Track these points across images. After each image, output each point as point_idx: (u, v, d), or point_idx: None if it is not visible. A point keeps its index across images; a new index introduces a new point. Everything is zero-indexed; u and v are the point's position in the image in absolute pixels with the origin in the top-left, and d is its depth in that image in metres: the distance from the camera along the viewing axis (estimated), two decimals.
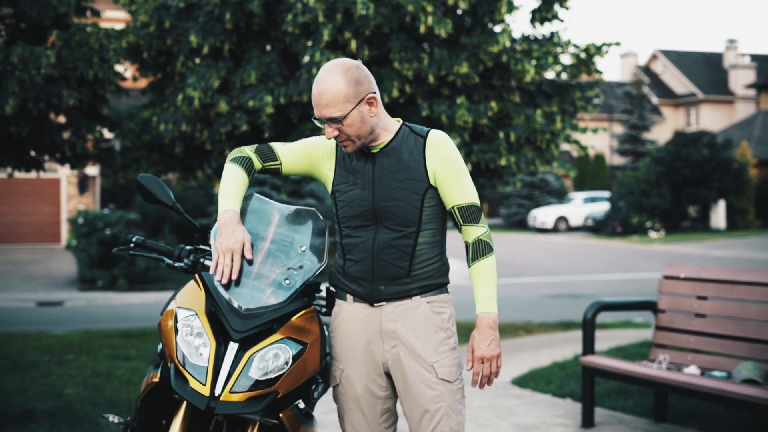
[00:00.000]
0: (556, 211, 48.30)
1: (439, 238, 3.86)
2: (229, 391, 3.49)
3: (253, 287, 3.70)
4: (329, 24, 10.96)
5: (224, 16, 11.49)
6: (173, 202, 3.98)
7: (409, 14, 10.97)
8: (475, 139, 12.14)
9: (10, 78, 10.86)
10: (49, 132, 12.12)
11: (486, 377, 3.78)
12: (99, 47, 11.69)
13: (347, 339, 3.87)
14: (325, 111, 3.66)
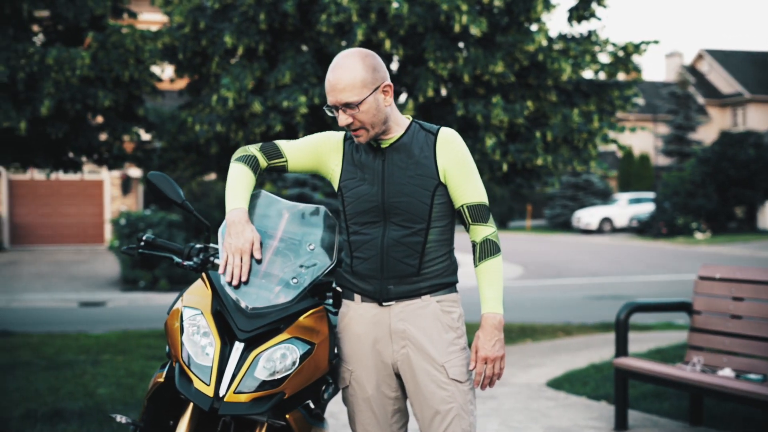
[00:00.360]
0: (601, 212, 47.93)
1: (448, 236, 3.80)
2: (234, 391, 3.43)
3: (261, 286, 3.64)
4: (363, 24, 10.90)
5: (258, 16, 11.47)
6: (183, 200, 3.94)
7: (444, 13, 10.89)
8: (511, 139, 12.03)
9: (46, 79, 10.91)
10: (86, 133, 12.17)
11: (489, 378, 3.72)
12: (134, 48, 11.71)
13: (356, 340, 3.81)
14: (342, 96, 3.61)
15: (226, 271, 3.60)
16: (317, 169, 3.92)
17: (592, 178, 51.97)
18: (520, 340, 12.63)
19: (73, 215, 29.06)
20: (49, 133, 11.67)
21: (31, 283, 22.17)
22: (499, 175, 12.34)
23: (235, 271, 3.60)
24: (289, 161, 3.91)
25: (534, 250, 35.58)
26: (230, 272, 3.60)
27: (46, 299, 19.77)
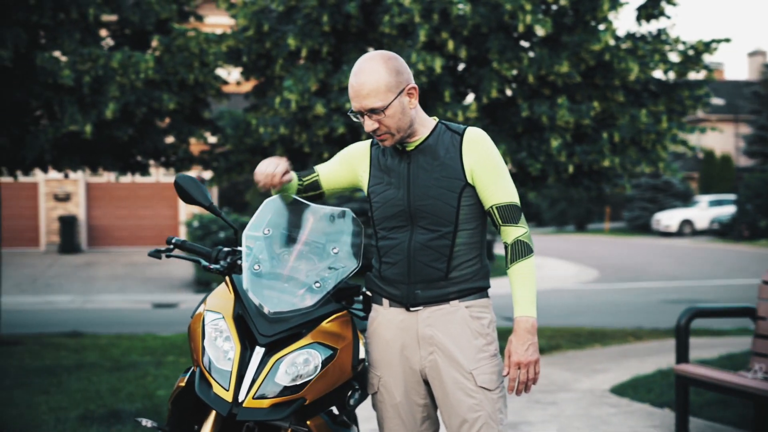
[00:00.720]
0: (681, 214, 47.14)
1: (478, 239, 3.70)
2: (253, 397, 3.38)
3: (283, 290, 3.59)
4: (426, 24, 10.81)
5: (322, 18, 11.45)
6: (210, 202, 3.91)
7: (508, 13, 10.75)
8: (577, 140, 11.84)
9: (111, 83, 11.00)
10: (152, 136, 12.26)
11: (523, 383, 3.61)
12: (199, 52, 11.76)
13: (384, 345, 3.73)
14: (366, 102, 3.55)
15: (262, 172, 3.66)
16: (351, 180, 3.89)
17: (672, 179, 51.11)
18: (589, 345, 12.42)
19: (149, 217, 29.43)
20: (115, 136, 11.77)
21: (106, 285, 22.48)
22: (565, 176, 12.15)
23: (267, 180, 3.66)
24: (321, 175, 3.90)
25: (611, 252, 35.12)
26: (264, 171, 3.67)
27: (120, 300, 20.02)
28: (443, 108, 11.11)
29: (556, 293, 21.59)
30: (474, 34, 11.28)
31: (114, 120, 11.41)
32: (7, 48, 10.67)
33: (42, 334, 13.84)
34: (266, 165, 3.70)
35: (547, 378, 9.77)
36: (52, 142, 11.34)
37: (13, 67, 11.29)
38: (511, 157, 11.47)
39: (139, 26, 12.21)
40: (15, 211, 29.39)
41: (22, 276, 23.91)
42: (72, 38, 11.28)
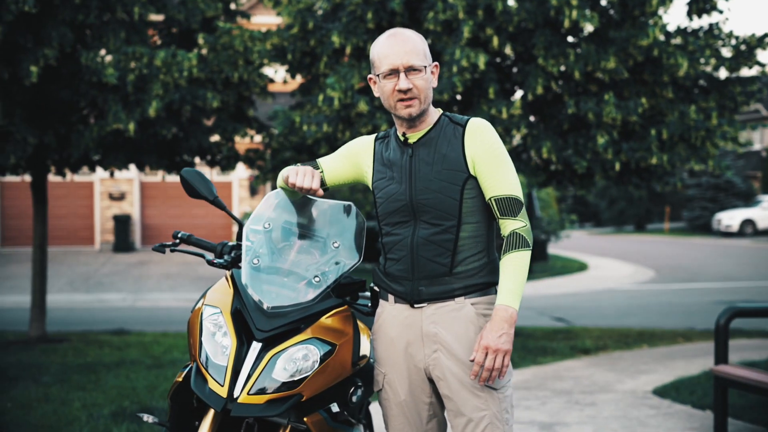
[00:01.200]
0: (743, 214, 46.29)
1: (484, 233, 3.59)
2: (248, 392, 3.31)
3: (282, 284, 3.53)
4: (470, 21, 10.69)
5: (366, 15, 11.38)
6: (215, 196, 3.88)
7: (553, 8, 10.60)
8: (624, 137, 11.63)
9: (154, 81, 11.03)
10: (196, 134, 12.27)
11: (488, 371, 3.42)
12: (243, 49, 11.77)
13: (388, 342, 3.64)
14: (407, 57, 3.53)
15: (294, 179, 3.61)
16: (355, 176, 3.82)
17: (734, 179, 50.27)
18: (636, 346, 12.22)
19: (202, 216, 29.56)
20: (159, 134, 11.82)
21: (158, 283, 22.62)
22: (611, 174, 11.95)
23: (299, 180, 3.61)
24: (326, 171, 3.83)
25: (669, 252, 34.64)
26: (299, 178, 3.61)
27: (170, 299, 20.12)
28: (487, 105, 10.98)
29: (609, 293, 21.33)
30: (519, 29, 11.13)
31: (157, 118, 11.43)
32: (52, 47, 10.75)
33: (88, 331, 13.96)
34: (302, 175, 3.63)
35: (589, 379, 9.61)
36: (97, 140, 11.40)
37: (60, 66, 11.38)
38: (556, 154, 11.29)
39: (185, 25, 12.25)
40: (71, 210, 29.74)
41: (75, 274, 24.16)
42: (117, 37, 11.33)
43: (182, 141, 12.41)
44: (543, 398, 8.61)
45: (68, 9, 10.99)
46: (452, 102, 11.47)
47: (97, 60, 10.88)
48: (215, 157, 13.06)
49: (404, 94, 3.53)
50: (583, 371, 10.17)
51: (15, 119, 11.05)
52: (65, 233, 29.60)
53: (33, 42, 10.80)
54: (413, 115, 3.57)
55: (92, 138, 11.25)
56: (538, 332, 13.73)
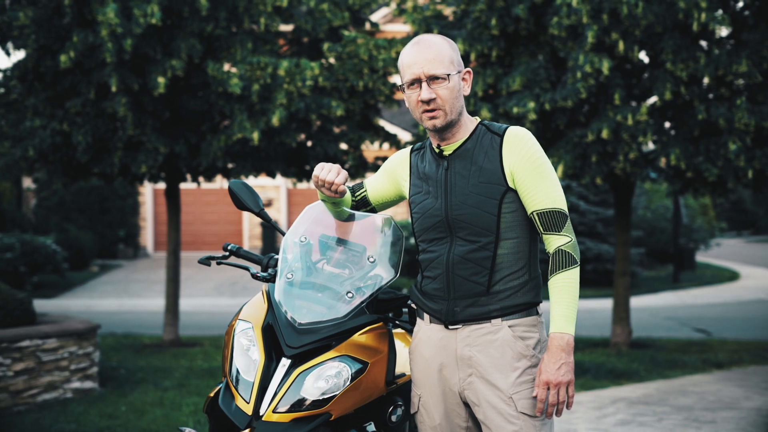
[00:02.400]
0: None
1: (525, 249, 3.41)
2: (273, 410, 3.25)
3: (315, 300, 3.45)
4: (594, 25, 10.44)
5: (491, 22, 11.27)
6: (261, 208, 3.86)
7: (682, 11, 10.26)
8: (758, 144, 11.15)
9: (278, 90, 11.18)
10: (322, 142, 12.38)
11: (552, 406, 3.28)
12: (368, 58, 11.81)
13: (423, 363, 3.51)
14: (429, 66, 3.38)
15: (318, 172, 3.58)
16: (396, 192, 3.75)
17: None
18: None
19: None
20: (284, 142, 11.97)
21: None
22: (744, 182, 11.49)
23: (323, 173, 3.58)
24: (369, 190, 3.79)
25: None
26: (320, 180, 3.58)
27: None
28: (613, 111, 10.70)
29: (759, 305, 20.53)
30: (647, 33, 10.82)
31: (282, 126, 11.58)
32: (180, 58, 11.02)
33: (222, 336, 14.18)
34: (327, 170, 3.59)
35: (715, 395, 9.25)
36: (225, 149, 11.62)
37: (188, 77, 11.66)
38: (686, 161, 10.92)
39: (313, 35, 12.39)
40: (221, 216, 30.47)
41: (222, 279, 24.70)
42: (244, 48, 11.54)
43: (309, 149, 12.54)
44: (660, 414, 8.32)
45: (196, 21, 11.25)
46: (577, 108, 11.24)
47: (222, 70, 11.09)
48: (343, 165, 13.14)
49: (427, 105, 3.40)
50: (710, 386, 9.80)
51: (146, 129, 11.37)
52: (215, 239, 30.34)
53: (161, 53, 11.09)
54: (437, 127, 3.43)
55: (219, 147, 11.48)
56: (671, 344, 13.31)
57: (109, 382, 9.78)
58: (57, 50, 11.20)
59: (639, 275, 24.95)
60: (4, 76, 12.03)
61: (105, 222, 29.16)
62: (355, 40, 11.87)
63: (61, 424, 7.64)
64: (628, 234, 13.11)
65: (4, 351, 8.38)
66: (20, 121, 12.01)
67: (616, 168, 11.21)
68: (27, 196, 31.00)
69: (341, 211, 3.73)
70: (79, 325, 9.28)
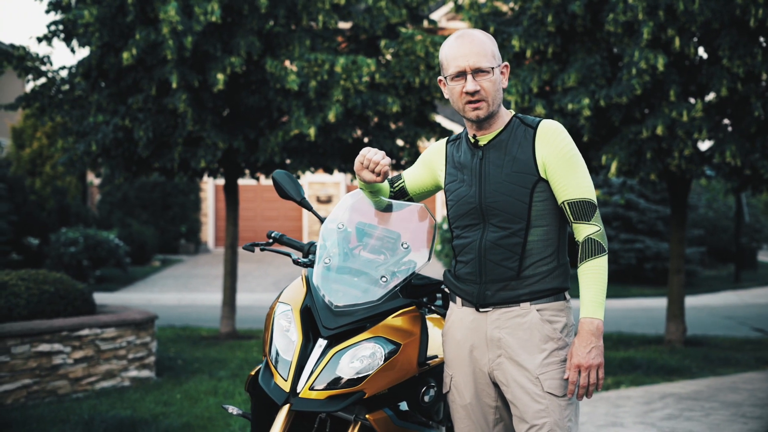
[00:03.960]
0: None
1: (554, 237, 3.54)
2: (309, 388, 3.40)
3: (351, 284, 3.60)
4: (650, 22, 10.45)
5: (546, 18, 11.32)
6: (302, 197, 4.03)
7: (739, 7, 10.23)
8: None
9: (335, 87, 11.34)
10: (378, 138, 12.51)
11: (583, 388, 3.41)
12: (425, 54, 11.91)
13: (455, 345, 3.65)
14: (475, 59, 3.52)
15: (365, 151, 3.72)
16: (433, 181, 3.87)
17: None
18: None
19: None
20: (341, 138, 12.13)
21: None
22: None
23: (368, 156, 3.71)
24: (406, 180, 3.93)
25: None
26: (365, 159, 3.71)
27: None
28: (669, 108, 10.69)
29: None
30: (704, 30, 10.79)
31: (338, 122, 11.74)
32: (239, 55, 11.23)
33: None
34: (374, 152, 3.74)
35: (766, 392, 9.25)
36: (282, 144, 11.81)
37: (248, 74, 11.87)
38: (742, 158, 10.88)
39: (371, 32, 12.53)
40: (281, 213, 30.77)
41: (281, 274, 24.99)
42: (303, 45, 11.72)
43: (365, 145, 12.68)
44: (708, 410, 8.33)
45: (255, 18, 11.45)
46: (633, 104, 11.24)
47: (280, 67, 11.27)
48: (399, 160, 13.26)
49: (472, 96, 3.52)
50: (762, 384, 9.77)
51: (206, 125, 11.59)
52: None
53: (221, 50, 11.30)
54: (481, 117, 3.56)
55: (277, 143, 11.67)
56: (726, 342, 13.25)
57: (166, 371, 10.01)
58: (120, 48, 11.47)
59: (699, 274, 24.76)
60: (68, 74, 12.34)
61: (167, 217, 29.62)
62: (412, 37, 11.97)
63: (117, 410, 7.85)
64: (683, 231, 13.07)
65: (64, 339, 8.62)
66: (84, 117, 12.32)
67: (671, 165, 11.20)
68: (91, 192, 31.58)
69: (379, 200, 3.86)
70: (137, 315, 9.52)
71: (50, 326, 8.48)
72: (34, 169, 26.54)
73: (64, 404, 8.13)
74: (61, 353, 8.58)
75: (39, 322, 8.44)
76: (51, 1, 11.99)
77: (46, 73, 12.40)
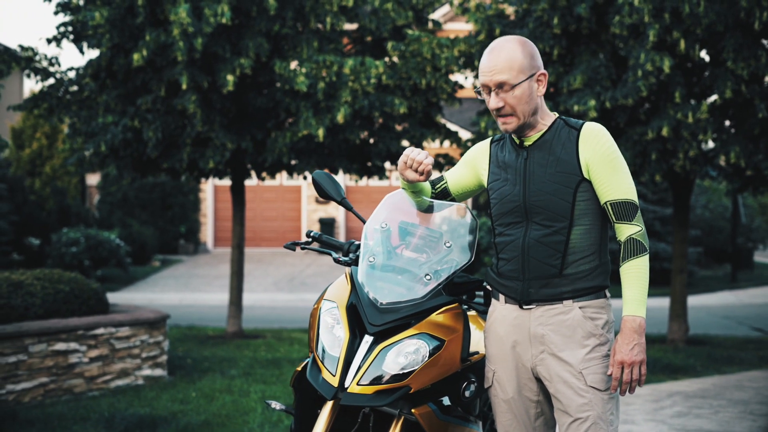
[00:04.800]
0: None
1: (596, 235, 3.64)
2: (357, 383, 3.49)
3: (395, 282, 3.70)
4: (656, 24, 10.57)
5: (552, 20, 11.44)
6: (342, 197, 4.12)
7: (744, 10, 10.37)
8: None
9: (343, 88, 11.44)
10: (385, 139, 12.61)
11: (626, 384, 3.52)
12: (431, 56, 12.01)
13: (498, 341, 3.75)
14: (498, 77, 3.58)
15: (410, 152, 3.79)
16: (476, 181, 3.95)
17: None
18: None
19: None
20: (348, 139, 12.22)
21: None
22: None
23: (412, 156, 3.78)
24: (449, 180, 4.00)
25: None
26: (409, 158, 3.78)
27: None
28: (673, 109, 10.82)
29: None
30: (709, 32, 10.92)
31: (346, 124, 11.84)
32: (248, 57, 11.32)
33: (284, 329, 14.53)
34: (417, 151, 3.82)
35: None
36: (290, 145, 11.90)
37: (256, 75, 11.96)
38: (745, 159, 11.02)
39: (377, 34, 12.64)
40: (280, 213, 30.87)
41: (281, 274, 25.06)
42: (310, 46, 11.82)
43: (371, 146, 12.78)
44: (717, 407, 8.45)
45: (264, 20, 11.55)
46: (638, 106, 11.37)
47: (289, 69, 11.37)
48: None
49: (498, 111, 3.63)
50: (766, 382, 9.89)
51: (214, 126, 11.68)
52: (274, 235, 30.76)
53: (230, 52, 11.40)
54: (509, 131, 3.67)
55: (285, 143, 11.77)
56: (728, 342, 13.39)
57: (177, 370, 10.10)
58: (130, 49, 11.55)
59: (696, 274, 24.92)
60: (77, 74, 12.42)
61: (166, 218, 29.70)
62: (419, 38, 12.07)
63: (136, 408, 7.95)
64: (686, 232, 13.21)
65: (80, 338, 8.71)
66: (92, 118, 12.40)
67: (675, 165, 11.33)
68: (90, 192, 31.64)
69: (421, 200, 3.96)
70: (150, 314, 9.61)
71: (66, 325, 8.57)
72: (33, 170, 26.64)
73: (82, 402, 8.22)
74: (77, 352, 8.67)
75: (55, 321, 8.53)
76: (60, 2, 12.07)
77: (54, 74, 12.49)
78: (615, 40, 11.42)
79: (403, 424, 3.64)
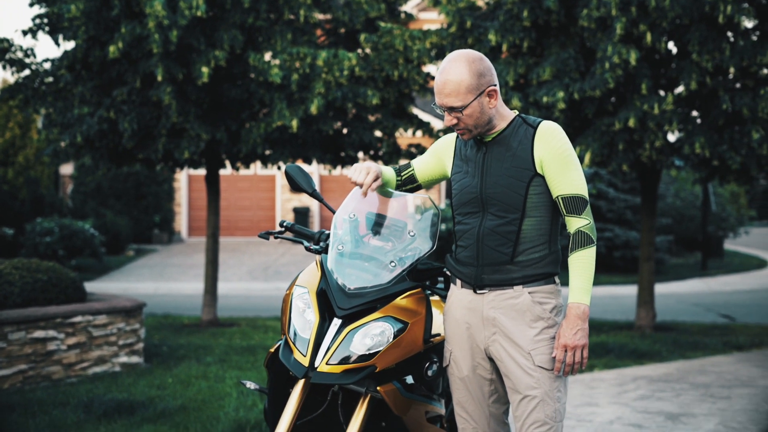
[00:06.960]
0: None
1: (546, 227, 3.88)
2: (326, 363, 3.73)
3: (362, 268, 3.94)
4: (623, 17, 10.79)
5: (522, 13, 11.64)
6: (313, 189, 4.31)
7: (708, 3, 10.60)
8: None
9: (317, 80, 11.62)
10: (357, 130, 12.82)
11: (569, 366, 3.79)
12: (404, 48, 12.20)
13: (454, 323, 4.00)
14: (447, 100, 3.81)
15: (356, 175, 4.01)
16: (441, 171, 4.20)
17: None
18: None
19: None
20: (322, 130, 12.41)
21: None
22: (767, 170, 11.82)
23: (354, 175, 4.00)
24: (416, 168, 4.25)
25: None
26: (359, 176, 4.01)
27: None
28: (640, 101, 11.06)
29: None
30: (674, 25, 11.16)
31: (320, 115, 12.02)
32: (223, 49, 11.48)
33: (258, 317, 14.72)
34: (358, 173, 4.05)
35: (733, 374, 9.64)
36: (264, 136, 12.08)
37: (230, 67, 12.12)
38: (710, 150, 11.27)
39: (350, 25, 12.82)
40: (254, 202, 31.03)
41: (255, 263, 25.24)
42: (284, 38, 11.99)
43: (345, 136, 12.98)
44: (679, 390, 8.73)
45: (238, 12, 11.71)
46: (605, 98, 11.60)
47: (263, 61, 11.54)
48: (378, 151, 13.56)
49: (453, 127, 3.88)
50: (729, 366, 10.18)
51: (189, 117, 11.83)
52: (248, 224, 30.93)
53: (205, 44, 11.55)
54: (466, 140, 3.95)
55: (259, 134, 11.94)
56: (694, 328, 13.69)
57: (154, 357, 10.28)
58: (105, 41, 11.68)
59: (667, 262, 25.26)
60: (52, 66, 12.54)
61: (140, 207, 29.79)
62: (391, 31, 12.26)
63: (114, 393, 8.13)
64: (653, 220, 13.48)
65: (58, 326, 8.87)
66: (68, 109, 12.53)
67: (642, 156, 11.58)
68: (64, 182, 31.67)
69: (386, 190, 4.19)
70: (127, 303, 9.78)
71: (45, 313, 8.74)
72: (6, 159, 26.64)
73: (60, 388, 8.40)
74: (55, 339, 8.84)
75: (34, 310, 8.70)
76: None
77: (29, 66, 12.60)
78: (583, 33, 11.64)
79: (369, 401, 3.88)
